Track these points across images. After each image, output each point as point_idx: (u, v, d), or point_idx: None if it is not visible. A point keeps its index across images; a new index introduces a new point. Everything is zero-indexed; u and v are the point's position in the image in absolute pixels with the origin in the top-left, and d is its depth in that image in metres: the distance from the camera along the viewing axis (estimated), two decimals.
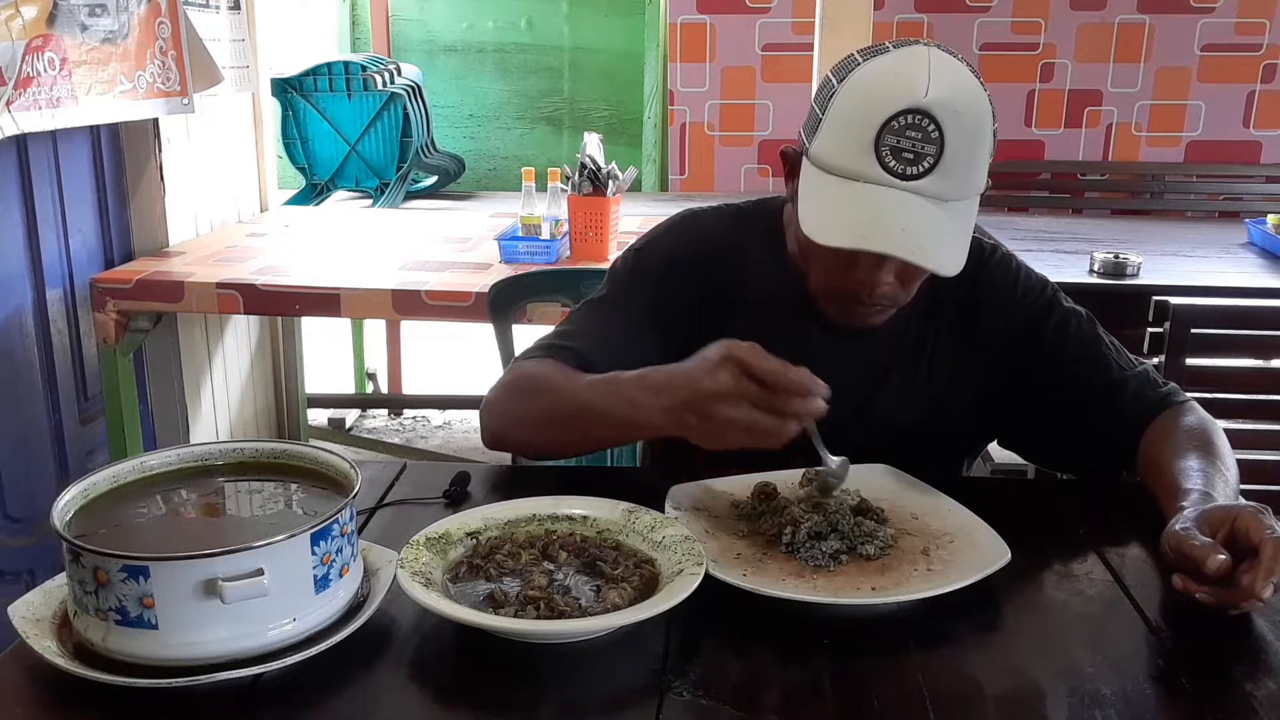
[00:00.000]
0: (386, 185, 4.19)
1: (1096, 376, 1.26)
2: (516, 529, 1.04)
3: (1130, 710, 0.82)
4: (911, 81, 1.06)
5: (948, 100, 1.06)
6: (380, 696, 0.85)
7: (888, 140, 1.06)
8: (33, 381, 2.35)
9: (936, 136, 1.05)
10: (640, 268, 1.32)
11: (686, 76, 4.42)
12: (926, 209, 1.07)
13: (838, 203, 1.10)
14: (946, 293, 1.29)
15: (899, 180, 1.07)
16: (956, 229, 1.11)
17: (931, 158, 1.06)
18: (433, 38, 5.58)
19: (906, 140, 1.06)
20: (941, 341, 1.30)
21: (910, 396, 1.29)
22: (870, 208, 1.07)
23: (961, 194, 1.10)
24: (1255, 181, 4.32)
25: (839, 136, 1.10)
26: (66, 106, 2.16)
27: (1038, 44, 4.26)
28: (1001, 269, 1.31)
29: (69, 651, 0.85)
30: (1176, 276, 2.71)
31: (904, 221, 1.06)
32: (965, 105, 1.07)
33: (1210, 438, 1.17)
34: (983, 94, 1.10)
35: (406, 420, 4.12)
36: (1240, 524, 0.94)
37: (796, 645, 0.90)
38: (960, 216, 1.11)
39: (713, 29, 4.36)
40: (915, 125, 1.05)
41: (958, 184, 1.09)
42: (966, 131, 1.07)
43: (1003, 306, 1.29)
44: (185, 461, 0.99)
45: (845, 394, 1.27)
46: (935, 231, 1.08)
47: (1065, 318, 1.29)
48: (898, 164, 1.06)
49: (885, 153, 1.06)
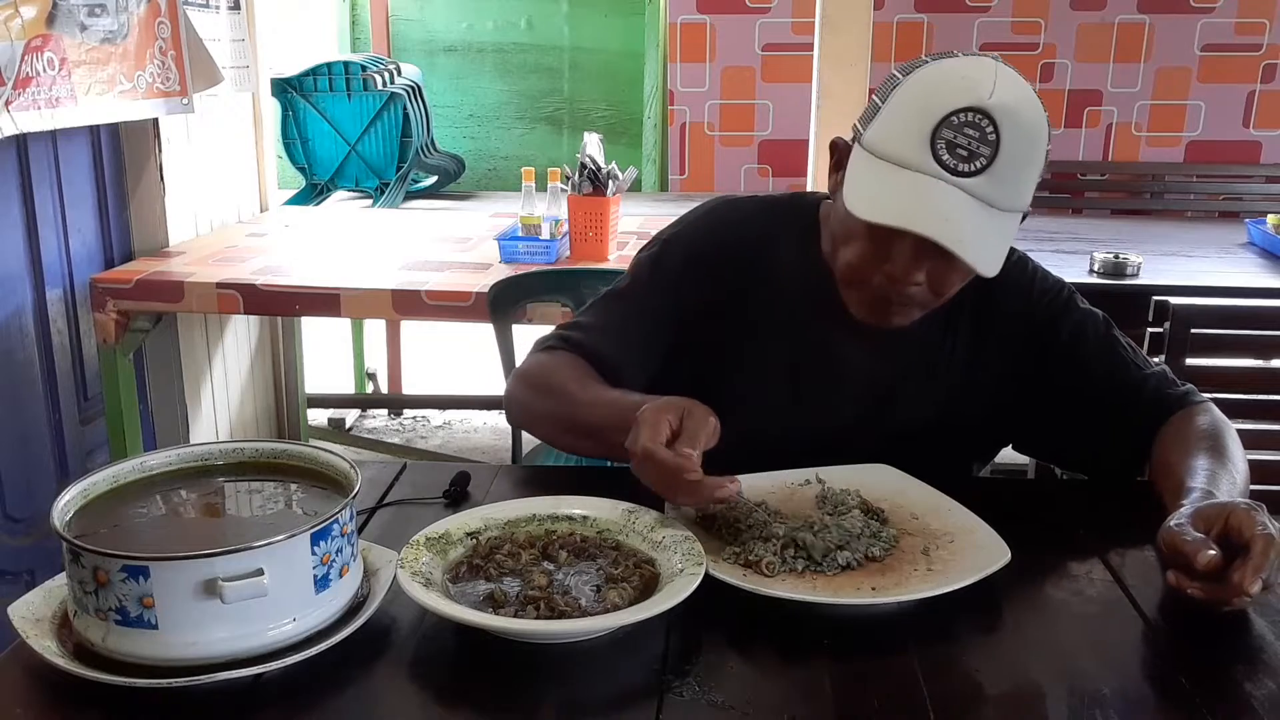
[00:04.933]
0: (386, 185, 4.19)
1: (1114, 378, 1.26)
2: (516, 529, 1.04)
3: (1130, 710, 0.82)
4: (977, 83, 1.07)
5: (1010, 107, 1.07)
6: (380, 696, 0.85)
7: (945, 134, 1.06)
8: (33, 381, 2.35)
9: (994, 138, 1.06)
10: (663, 263, 1.32)
11: (686, 76, 4.42)
12: (973, 207, 1.07)
13: (886, 185, 1.10)
14: (963, 295, 1.27)
15: (950, 175, 1.07)
16: (999, 236, 1.11)
17: (985, 158, 1.06)
18: (433, 38, 5.58)
19: (964, 137, 1.06)
20: (959, 343, 1.30)
21: (927, 398, 1.29)
22: (919, 194, 1.08)
23: (1009, 204, 1.10)
24: (1255, 181, 4.32)
25: (897, 125, 1.11)
26: (66, 106, 2.16)
27: (1038, 44, 4.26)
28: (1018, 271, 1.31)
29: (69, 651, 0.85)
30: (1176, 276, 2.71)
31: (949, 213, 1.07)
32: (1026, 116, 1.08)
33: (1221, 438, 1.17)
34: (1043, 115, 1.11)
35: (406, 420, 4.12)
36: (1233, 520, 0.95)
37: (796, 645, 0.90)
38: (1004, 226, 1.11)
39: (713, 29, 4.36)
40: (974, 124, 1.06)
41: (1007, 192, 1.09)
42: (1023, 141, 1.07)
43: (1019, 308, 1.29)
44: (185, 461, 0.99)
45: (865, 394, 1.29)
46: (979, 230, 1.08)
47: (1082, 320, 1.29)
48: (951, 159, 1.07)
49: (941, 146, 1.07)
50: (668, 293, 1.30)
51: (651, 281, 1.32)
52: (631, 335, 1.28)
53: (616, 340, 1.27)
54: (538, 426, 1.28)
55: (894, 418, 1.29)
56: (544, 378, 1.25)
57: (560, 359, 1.26)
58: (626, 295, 1.33)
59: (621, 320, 1.30)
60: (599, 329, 1.29)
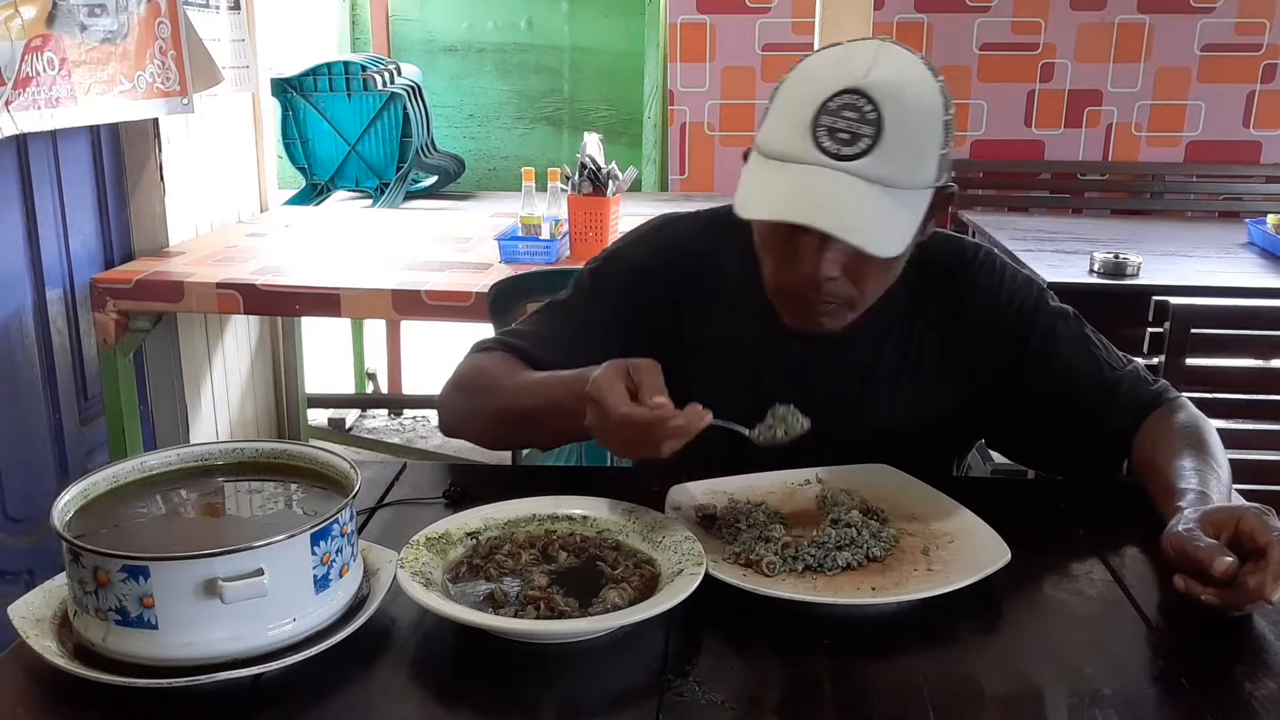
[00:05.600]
0: (386, 185, 4.19)
1: (1086, 379, 1.25)
2: (516, 529, 1.04)
3: (1130, 710, 0.82)
4: (853, 65, 1.06)
5: (889, 83, 1.04)
6: (380, 696, 0.85)
7: (824, 120, 1.04)
8: (33, 381, 2.35)
9: (874, 117, 1.03)
10: (605, 278, 1.31)
11: (686, 76, 4.42)
12: (862, 188, 1.04)
13: (768, 182, 1.09)
14: (930, 297, 1.27)
15: (833, 160, 1.04)
16: (900, 215, 1.08)
17: (868, 139, 1.04)
18: (433, 38, 5.59)
19: (843, 120, 1.04)
20: (925, 346, 1.28)
21: (895, 401, 1.27)
22: (798, 184, 1.06)
23: (908, 182, 1.07)
24: (1255, 181, 4.32)
25: (781, 121, 1.09)
26: (66, 106, 2.16)
27: (1038, 44, 4.26)
28: (985, 272, 1.28)
29: (69, 651, 0.85)
30: (1176, 276, 2.71)
31: (829, 198, 1.04)
32: (909, 91, 1.05)
33: (1203, 435, 1.16)
34: (934, 86, 1.08)
35: (406, 420, 4.12)
36: (1245, 526, 0.94)
37: (796, 645, 0.90)
38: (908, 205, 1.08)
39: (713, 29, 4.36)
40: (852, 105, 1.04)
41: (901, 170, 1.06)
42: (909, 117, 1.05)
43: (987, 310, 1.27)
44: (185, 461, 0.99)
45: (828, 401, 1.26)
46: (868, 211, 1.05)
47: (1052, 320, 1.27)
48: (832, 143, 1.04)
49: (821, 132, 1.05)
50: (607, 307, 1.28)
51: (593, 293, 1.30)
52: (568, 345, 1.25)
53: (553, 348, 1.25)
54: (467, 425, 1.26)
55: (857, 425, 1.26)
56: (473, 376, 1.24)
57: (491, 357, 1.26)
58: (566, 306, 1.31)
59: (560, 329, 1.28)
60: (536, 336, 1.28)
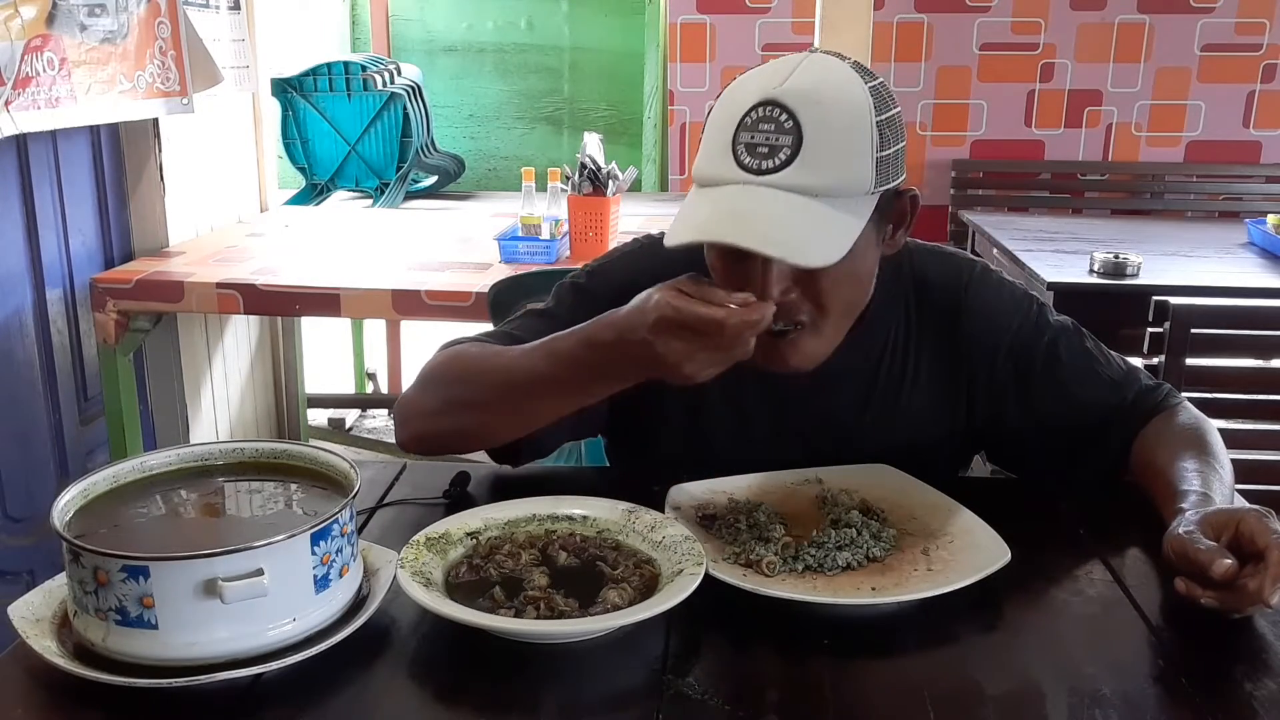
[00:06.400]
0: (386, 185, 4.19)
1: (1092, 396, 1.23)
2: (516, 529, 1.04)
3: (1130, 710, 0.82)
4: (769, 78, 1.03)
5: (805, 90, 1.01)
6: (380, 696, 0.85)
7: (742, 137, 1.02)
8: (33, 381, 2.35)
9: (791, 126, 1.00)
10: (587, 293, 1.26)
11: (686, 76, 4.42)
12: (787, 200, 1.01)
13: (693, 208, 1.06)
14: (926, 316, 1.25)
15: (754, 175, 1.01)
16: (834, 223, 1.02)
17: (788, 149, 1.00)
18: (433, 38, 5.59)
19: (760, 134, 1.01)
20: (923, 369, 1.25)
21: (893, 424, 1.25)
22: (720, 204, 1.03)
23: (840, 189, 1.02)
24: (1255, 181, 4.32)
25: (707, 146, 1.06)
26: (66, 106, 2.16)
27: (1038, 44, 4.26)
28: (983, 291, 1.25)
29: (69, 651, 0.85)
30: (1176, 276, 2.72)
31: (751, 213, 1.01)
32: (828, 94, 1.02)
33: (1204, 437, 1.16)
34: (859, 88, 1.03)
35: None
36: (1245, 528, 0.93)
37: (796, 645, 0.90)
38: (844, 211, 1.03)
39: (713, 29, 4.36)
40: (768, 117, 1.01)
41: (829, 177, 1.01)
42: (830, 122, 1.01)
43: (987, 333, 1.24)
44: (185, 461, 0.99)
45: (826, 426, 1.24)
46: (792, 222, 1.00)
47: (1055, 339, 1.24)
48: (752, 159, 1.01)
49: (740, 150, 1.02)
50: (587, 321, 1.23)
51: (574, 307, 1.23)
52: None
53: None
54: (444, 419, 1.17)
55: (859, 446, 1.24)
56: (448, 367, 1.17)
57: (468, 345, 1.19)
58: (547, 315, 1.26)
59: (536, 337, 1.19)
60: (511, 339, 1.22)
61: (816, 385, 1.21)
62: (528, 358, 1.11)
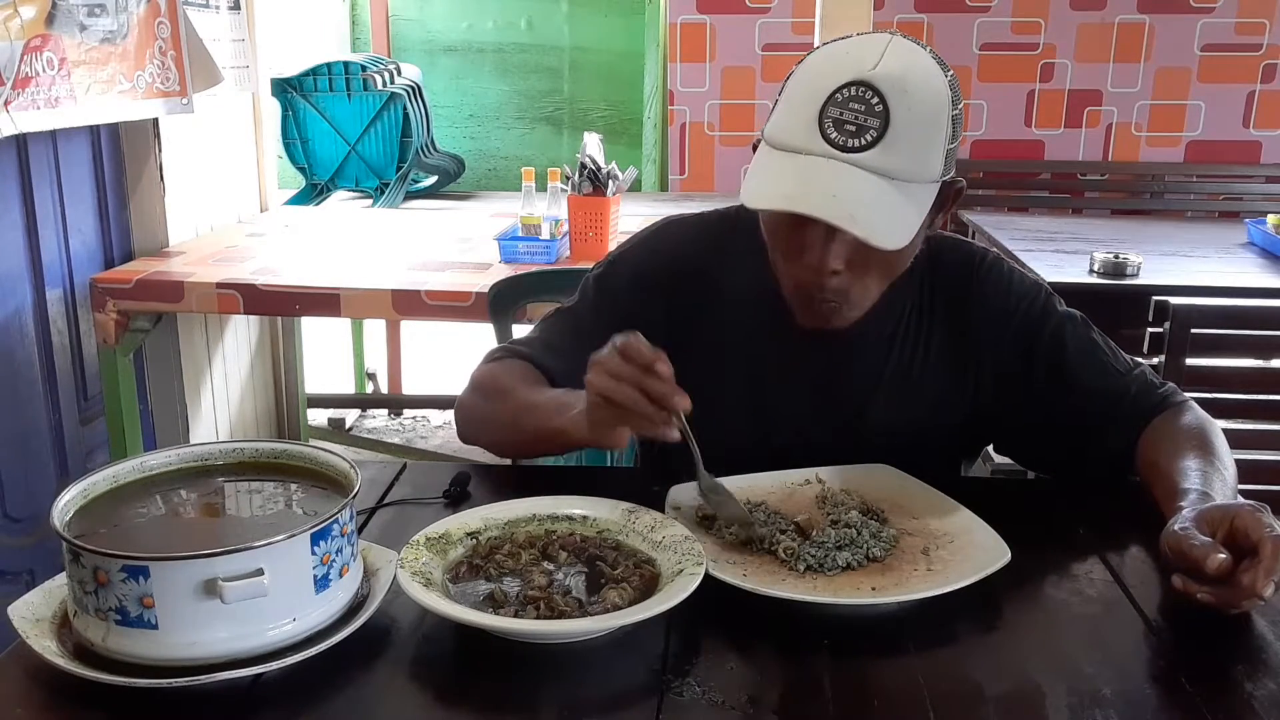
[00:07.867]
0: (386, 185, 4.19)
1: (1096, 384, 1.25)
2: (516, 529, 1.04)
3: (1130, 710, 0.82)
4: (861, 58, 1.06)
5: (896, 76, 1.05)
6: (380, 696, 0.85)
7: (831, 112, 1.05)
8: (33, 381, 2.35)
9: (881, 110, 1.04)
10: (608, 282, 1.32)
11: (686, 76, 4.42)
12: (868, 180, 1.05)
13: (775, 173, 1.09)
14: (939, 296, 1.28)
15: (840, 151, 1.05)
16: (906, 208, 1.08)
17: (875, 131, 1.04)
18: (433, 38, 5.59)
19: (849, 112, 1.05)
20: (934, 350, 1.28)
21: (904, 403, 1.27)
22: (805, 175, 1.06)
23: (914, 175, 1.07)
24: (1255, 181, 4.32)
25: (789, 113, 1.10)
26: (65, 106, 2.16)
27: (1038, 44, 4.26)
28: (993, 277, 1.29)
29: (69, 651, 0.85)
30: (1176, 276, 2.71)
31: (836, 189, 1.05)
32: (916, 84, 1.06)
33: (1208, 437, 1.16)
34: (941, 80, 1.08)
35: (406, 420, 4.12)
36: (1239, 523, 0.94)
37: (796, 645, 0.90)
38: (913, 198, 1.08)
39: (713, 29, 4.36)
40: (859, 97, 1.04)
41: (907, 163, 1.06)
42: (916, 110, 1.05)
43: (996, 316, 1.27)
44: (185, 461, 0.99)
45: (837, 401, 1.27)
46: (874, 203, 1.05)
47: (1061, 325, 1.27)
48: (839, 135, 1.05)
49: (828, 124, 1.05)
50: (612, 311, 1.28)
51: (597, 300, 1.32)
52: (574, 351, 1.22)
53: (561, 355, 1.26)
54: (483, 431, 1.26)
55: (865, 428, 1.27)
56: (491, 381, 1.26)
57: (507, 364, 1.27)
58: (573, 313, 1.33)
59: (568, 337, 1.29)
60: (545, 344, 1.29)
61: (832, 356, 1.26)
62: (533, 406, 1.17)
